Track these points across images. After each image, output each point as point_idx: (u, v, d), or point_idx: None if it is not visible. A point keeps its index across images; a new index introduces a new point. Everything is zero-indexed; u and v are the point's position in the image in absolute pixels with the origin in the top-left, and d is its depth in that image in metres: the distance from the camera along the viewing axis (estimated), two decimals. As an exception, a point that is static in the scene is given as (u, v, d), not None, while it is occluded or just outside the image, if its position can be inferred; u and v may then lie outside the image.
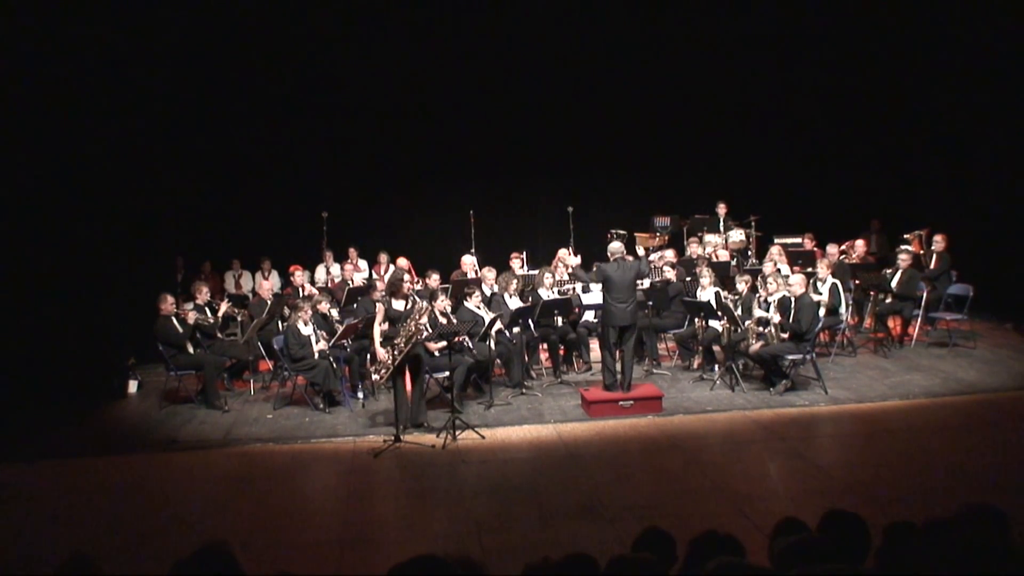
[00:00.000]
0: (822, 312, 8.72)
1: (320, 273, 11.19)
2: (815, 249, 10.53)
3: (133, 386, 8.97)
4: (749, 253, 11.33)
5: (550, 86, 12.09)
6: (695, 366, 9.06)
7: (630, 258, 8.11)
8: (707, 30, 11.96)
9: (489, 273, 9.18)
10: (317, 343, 8.04)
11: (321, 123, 11.86)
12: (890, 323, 9.71)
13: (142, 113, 9.47)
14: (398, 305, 7.61)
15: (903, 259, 9.55)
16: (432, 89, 11.94)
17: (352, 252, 11.10)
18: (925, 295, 9.72)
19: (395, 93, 11.90)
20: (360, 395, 8.40)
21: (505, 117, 12.09)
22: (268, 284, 9.74)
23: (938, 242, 10.07)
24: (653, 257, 10.26)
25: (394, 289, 7.73)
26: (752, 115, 12.44)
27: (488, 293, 8.90)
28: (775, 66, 12.17)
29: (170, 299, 8.38)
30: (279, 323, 9.10)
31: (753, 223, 11.37)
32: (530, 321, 8.55)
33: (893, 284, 9.53)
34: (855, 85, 12.20)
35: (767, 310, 8.18)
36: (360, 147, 12.06)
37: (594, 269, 8.37)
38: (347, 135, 11.96)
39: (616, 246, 8.00)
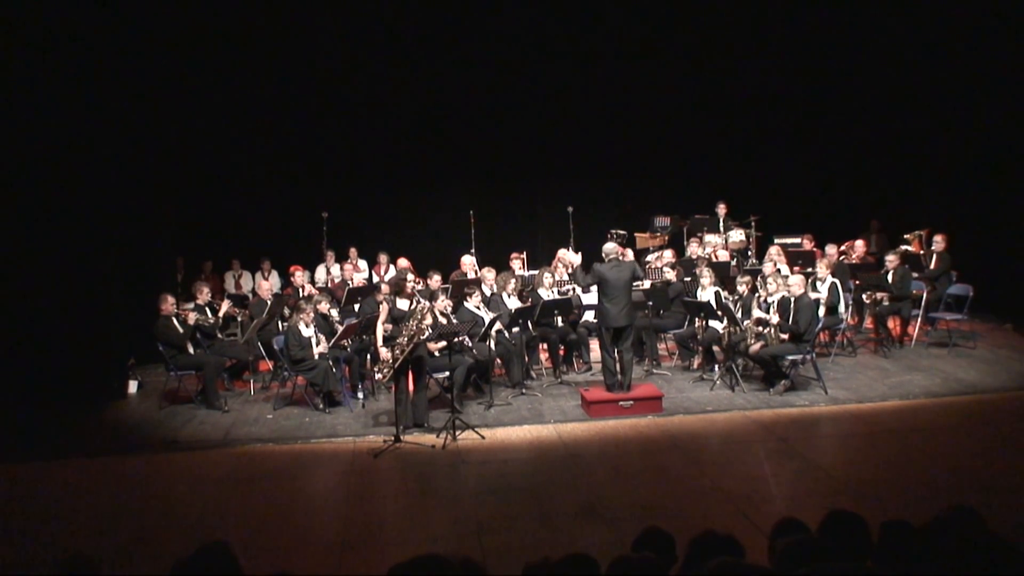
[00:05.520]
0: (822, 311, 8.73)
1: (320, 273, 11.20)
2: (814, 249, 10.54)
3: (133, 386, 8.97)
4: (749, 253, 11.34)
5: (550, 86, 12.10)
6: (695, 366, 9.06)
7: (626, 258, 8.08)
8: (707, 30, 11.96)
9: (488, 273, 9.18)
10: (318, 345, 8.04)
11: (321, 123, 11.87)
12: (890, 323, 9.71)
13: (142, 112, 9.47)
14: (402, 305, 7.60)
15: (890, 260, 9.55)
16: (432, 89, 11.94)
17: (353, 252, 11.11)
18: (925, 295, 9.73)
19: (395, 93, 11.90)
20: (360, 395, 8.40)
21: (505, 118, 12.09)
22: (268, 284, 9.73)
23: (938, 242, 10.07)
24: (651, 257, 10.27)
25: (398, 288, 7.72)
26: (752, 115, 12.44)
27: (488, 293, 8.90)
28: (775, 66, 12.17)
29: (170, 299, 8.39)
30: (279, 323, 9.11)
31: (753, 223, 11.38)
32: (528, 322, 8.55)
33: (889, 284, 9.54)
34: (855, 85, 12.21)
35: (767, 311, 8.19)
36: (360, 147, 12.07)
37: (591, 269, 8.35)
38: (347, 135, 11.97)
39: (611, 246, 7.98)
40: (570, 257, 9.03)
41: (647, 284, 9.05)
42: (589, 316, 9.05)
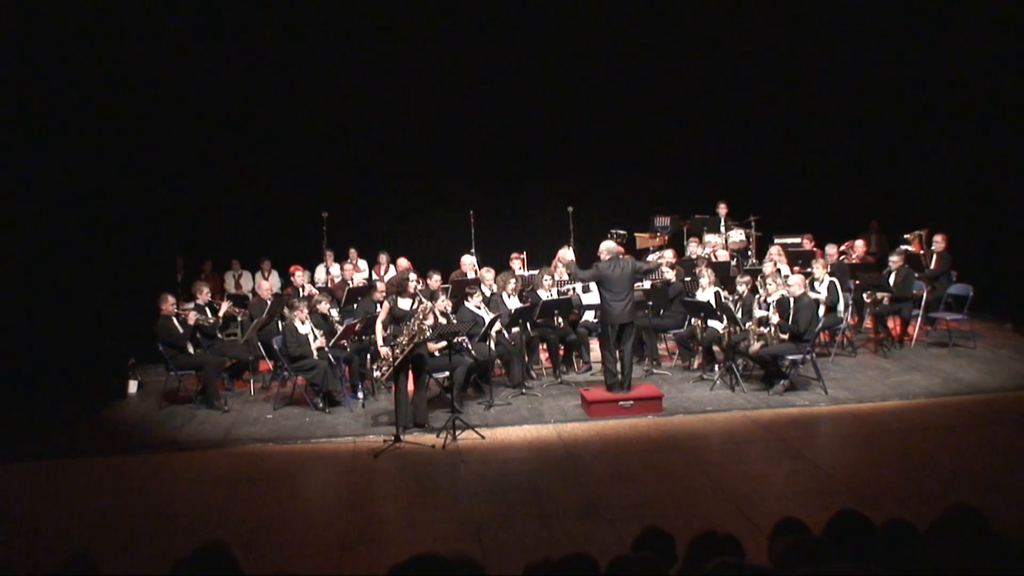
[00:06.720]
0: (821, 311, 8.73)
1: (320, 273, 11.20)
2: (814, 249, 10.53)
3: (133, 386, 8.97)
4: (749, 253, 11.33)
5: (550, 86, 12.08)
6: (695, 366, 9.06)
7: (626, 256, 8.07)
8: (707, 30, 11.95)
9: (488, 273, 9.17)
10: (315, 341, 8.03)
11: (321, 123, 11.86)
12: (890, 323, 9.71)
13: (142, 112, 9.47)
14: (404, 304, 7.58)
15: (894, 261, 9.57)
16: (432, 89, 11.94)
17: (352, 252, 11.11)
18: (925, 295, 9.73)
19: (395, 93, 11.90)
20: (360, 395, 8.40)
21: (505, 117, 12.08)
22: (268, 284, 9.74)
23: (938, 242, 10.07)
24: (651, 257, 10.26)
25: (401, 288, 7.71)
26: (752, 115, 12.44)
27: (488, 293, 8.90)
28: (775, 66, 12.16)
29: (170, 299, 8.39)
30: (279, 323, 9.10)
31: (753, 223, 11.37)
32: (527, 322, 8.54)
33: (890, 284, 9.54)
34: (855, 85, 12.20)
35: (767, 311, 8.18)
36: (360, 147, 12.06)
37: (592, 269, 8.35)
38: (347, 135, 11.96)
39: (608, 244, 7.97)
40: (565, 254, 8.92)
41: (647, 284, 9.03)
42: (589, 316, 9.05)
